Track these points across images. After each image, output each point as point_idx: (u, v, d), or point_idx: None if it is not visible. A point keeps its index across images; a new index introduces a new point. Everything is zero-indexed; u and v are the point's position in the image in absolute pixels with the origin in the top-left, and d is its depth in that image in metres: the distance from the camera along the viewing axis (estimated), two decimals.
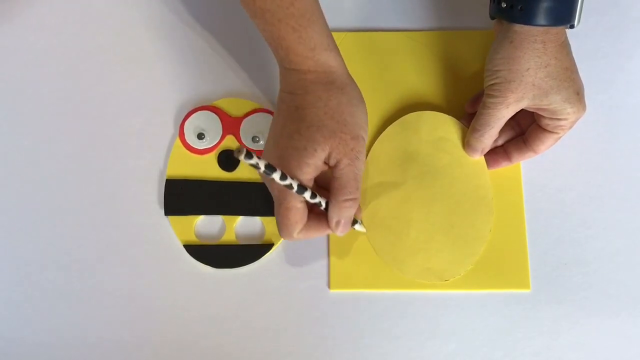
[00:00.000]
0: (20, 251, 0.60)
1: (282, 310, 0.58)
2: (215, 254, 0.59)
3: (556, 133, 0.56)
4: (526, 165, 0.60)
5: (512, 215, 0.59)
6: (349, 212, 0.52)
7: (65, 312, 0.59)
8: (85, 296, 0.59)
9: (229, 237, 0.60)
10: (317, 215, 0.53)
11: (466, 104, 0.61)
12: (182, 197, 0.60)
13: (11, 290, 0.60)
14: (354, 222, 0.55)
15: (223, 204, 0.60)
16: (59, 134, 0.63)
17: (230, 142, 0.61)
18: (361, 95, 0.53)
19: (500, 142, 0.59)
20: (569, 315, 0.57)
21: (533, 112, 0.56)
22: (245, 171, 0.61)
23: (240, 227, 0.60)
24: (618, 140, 0.61)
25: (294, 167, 0.50)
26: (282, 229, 0.52)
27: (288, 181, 0.48)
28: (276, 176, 0.47)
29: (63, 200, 0.61)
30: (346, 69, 0.53)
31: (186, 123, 0.61)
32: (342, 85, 0.52)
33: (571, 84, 0.54)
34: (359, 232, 0.58)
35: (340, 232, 0.53)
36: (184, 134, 0.61)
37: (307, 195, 0.50)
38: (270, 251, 0.59)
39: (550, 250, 0.59)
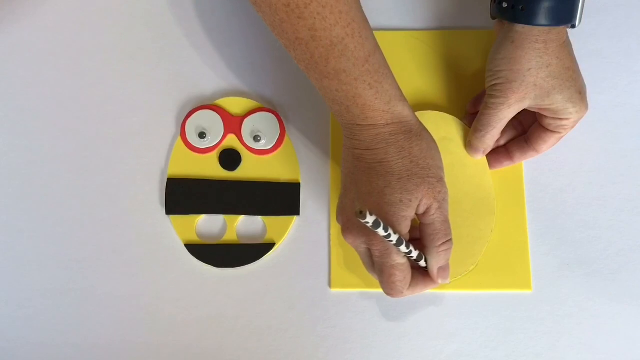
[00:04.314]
0: (20, 251, 0.60)
1: (283, 309, 0.58)
2: (217, 254, 0.59)
3: (558, 133, 0.56)
4: (528, 165, 0.60)
5: (514, 215, 0.59)
6: (447, 255, 0.52)
7: (65, 312, 0.59)
8: (85, 296, 0.59)
9: (230, 237, 0.60)
10: (417, 269, 0.53)
11: (468, 104, 0.61)
12: (183, 196, 0.60)
13: (11, 290, 0.59)
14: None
15: (224, 203, 0.60)
16: (60, 133, 0.63)
17: (231, 141, 0.61)
18: (433, 138, 0.53)
19: (502, 142, 0.59)
20: (570, 316, 0.57)
21: (535, 112, 0.56)
22: (246, 170, 0.61)
23: (242, 226, 0.60)
24: (620, 140, 0.61)
25: (393, 223, 0.50)
26: (392, 288, 0.51)
27: (396, 237, 0.47)
28: (394, 237, 0.46)
29: (64, 200, 0.61)
30: (415, 115, 0.53)
31: (187, 122, 0.61)
32: (418, 132, 0.52)
33: (573, 83, 0.54)
34: None
35: (442, 280, 0.53)
36: (185, 133, 0.61)
37: (412, 249, 0.50)
38: (272, 251, 0.59)
39: (552, 250, 0.58)
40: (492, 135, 0.57)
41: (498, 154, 0.59)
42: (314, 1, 0.46)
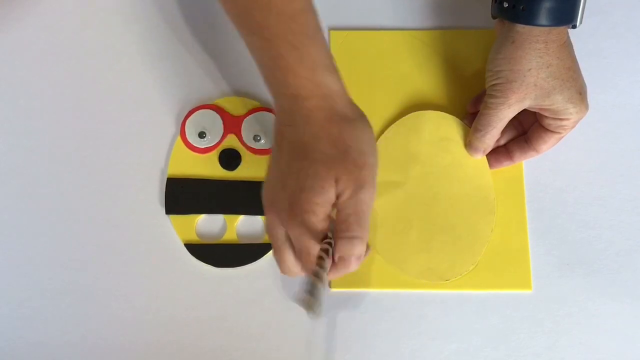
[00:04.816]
0: (20, 250, 0.60)
1: (282, 309, 0.58)
2: (217, 253, 0.59)
3: (558, 133, 0.56)
4: (528, 165, 0.60)
5: (514, 215, 0.59)
6: (349, 250, 0.47)
7: (65, 311, 0.59)
8: (85, 295, 0.59)
9: (230, 236, 0.60)
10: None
11: (468, 104, 0.61)
12: (183, 196, 0.60)
13: (11, 290, 0.59)
14: None
15: (224, 203, 0.60)
16: (60, 132, 0.63)
17: (231, 141, 0.61)
18: (367, 120, 0.50)
19: (502, 142, 0.59)
20: (570, 315, 0.57)
21: (535, 112, 0.56)
22: (246, 170, 0.61)
23: (242, 226, 0.60)
24: (621, 140, 0.61)
25: (306, 211, 0.47)
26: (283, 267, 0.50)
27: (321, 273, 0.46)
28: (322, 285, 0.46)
29: (64, 199, 0.61)
30: (347, 93, 0.49)
31: (187, 122, 0.61)
32: (343, 111, 0.48)
33: (573, 83, 0.54)
34: None
35: (338, 273, 0.49)
36: (185, 133, 0.61)
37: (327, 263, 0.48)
38: (272, 251, 0.59)
39: (552, 250, 0.58)
40: (492, 135, 0.57)
41: (498, 154, 0.59)
42: None
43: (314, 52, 0.48)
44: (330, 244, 0.48)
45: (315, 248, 0.48)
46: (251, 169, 0.61)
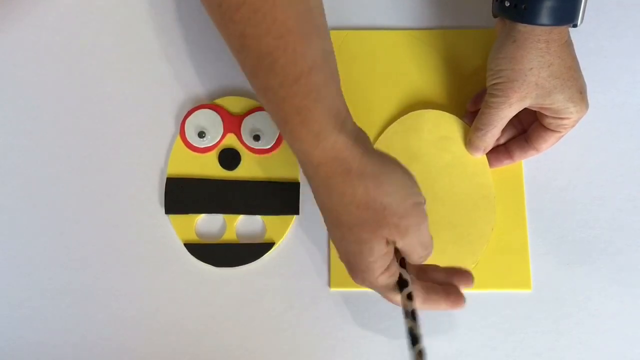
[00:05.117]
0: (20, 250, 0.60)
1: (282, 309, 0.58)
2: (216, 253, 0.59)
3: (559, 132, 0.56)
4: (528, 164, 0.60)
5: (514, 214, 0.59)
6: (424, 260, 0.52)
7: (65, 311, 0.59)
8: (85, 295, 0.59)
9: (229, 236, 0.60)
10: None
11: (468, 102, 0.61)
12: (182, 195, 0.60)
13: (11, 290, 0.59)
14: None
15: (224, 202, 0.60)
16: (59, 132, 0.63)
17: (231, 141, 0.61)
18: (390, 161, 0.48)
19: (502, 141, 0.59)
20: (570, 315, 0.57)
21: (535, 111, 0.56)
22: (246, 170, 0.61)
23: (241, 226, 0.60)
24: (621, 139, 0.61)
25: (363, 270, 0.48)
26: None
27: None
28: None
29: (63, 199, 0.61)
30: (359, 144, 0.46)
31: (187, 121, 0.61)
32: (361, 168, 0.45)
33: (574, 83, 0.54)
34: None
35: (464, 284, 0.53)
36: (184, 133, 0.61)
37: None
38: (271, 250, 0.59)
39: (552, 250, 0.58)
40: (493, 134, 0.57)
41: (498, 153, 0.59)
42: (245, 3, 0.42)
43: (317, 114, 0.44)
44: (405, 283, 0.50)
45: (392, 297, 0.50)
46: (251, 168, 0.61)
